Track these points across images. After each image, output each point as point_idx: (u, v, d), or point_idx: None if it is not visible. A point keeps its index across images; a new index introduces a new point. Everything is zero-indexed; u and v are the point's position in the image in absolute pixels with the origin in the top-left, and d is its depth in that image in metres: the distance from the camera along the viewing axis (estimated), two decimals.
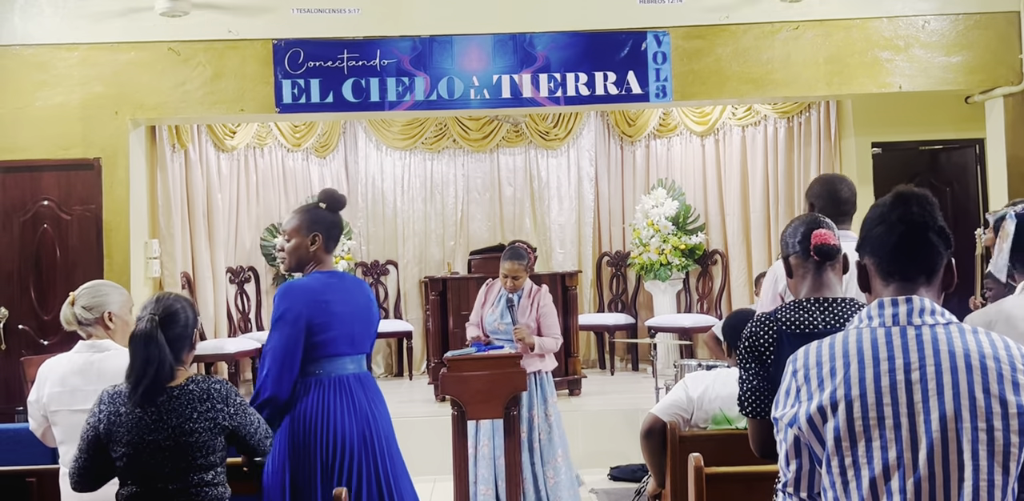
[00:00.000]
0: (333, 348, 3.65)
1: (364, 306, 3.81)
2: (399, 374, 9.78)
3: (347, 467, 3.57)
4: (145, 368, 2.92)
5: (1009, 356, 1.85)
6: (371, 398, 3.72)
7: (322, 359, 3.64)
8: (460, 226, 10.22)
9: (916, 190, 1.98)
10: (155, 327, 2.96)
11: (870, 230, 1.98)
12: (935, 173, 8.16)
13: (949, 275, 1.98)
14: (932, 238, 1.93)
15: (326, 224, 3.78)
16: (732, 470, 3.32)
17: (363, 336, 3.77)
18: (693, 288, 9.67)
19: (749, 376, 2.67)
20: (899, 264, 1.94)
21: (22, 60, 6.84)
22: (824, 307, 2.70)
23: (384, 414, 3.76)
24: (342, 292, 3.73)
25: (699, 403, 3.92)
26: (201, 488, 2.96)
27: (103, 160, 6.85)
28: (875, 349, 1.87)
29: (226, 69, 6.92)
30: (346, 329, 3.68)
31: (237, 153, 9.06)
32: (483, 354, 5.15)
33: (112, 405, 2.97)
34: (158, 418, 2.92)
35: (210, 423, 2.96)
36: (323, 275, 3.73)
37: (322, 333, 3.61)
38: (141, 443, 2.91)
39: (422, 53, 7.00)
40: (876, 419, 1.82)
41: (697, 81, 7.09)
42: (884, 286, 1.96)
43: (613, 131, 10.33)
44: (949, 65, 7.08)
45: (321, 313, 3.61)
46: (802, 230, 2.84)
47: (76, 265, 6.84)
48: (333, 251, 3.84)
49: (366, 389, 3.72)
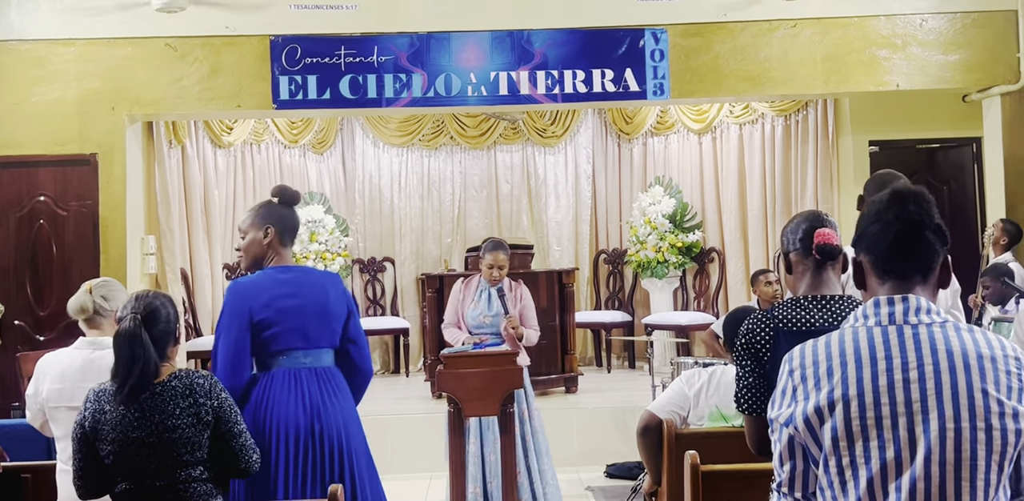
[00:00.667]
0: (284, 343, 3.66)
1: (320, 300, 3.75)
2: (396, 371, 9.77)
3: (292, 458, 3.56)
4: (131, 367, 2.92)
5: (1004, 356, 1.85)
6: (327, 392, 3.69)
7: (276, 354, 3.67)
8: (457, 223, 10.21)
9: (913, 188, 1.97)
10: (138, 326, 2.96)
11: (866, 227, 1.98)
12: (932, 171, 8.17)
13: (945, 273, 1.97)
14: (929, 236, 1.93)
15: (277, 217, 3.78)
16: (728, 468, 3.32)
17: (319, 330, 3.72)
18: (690, 286, 9.68)
19: (745, 373, 2.67)
20: (895, 262, 1.94)
21: (18, 55, 6.83)
22: (822, 305, 2.69)
23: (341, 409, 3.71)
24: (293, 286, 3.72)
25: (696, 401, 3.92)
26: (189, 484, 2.95)
27: (100, 156, 6.84)
28: (872, 348, 1.86)
29: (223, 65, 6.92)
30: (295, 323, 3.68)
31: (234, 149, 9.05)
32: (479, 351, 5.15)
33: (97, 403, 2.96)
34: (141, 415, 2.92)
35: (193, 418, 2.95)
36: (274, 271, 3.74)
37: (268, 329, 3.64)
38: (126, 440, 2.91)
39: (419, 50, 6.99)
40: (874, 419, 1.81)
41: (695, 79, 7.09)
42: (880, 284, 1.96)
43: (610, 128, 10.32)
44: (946, 63, 7.08)
45: (263, 309, 3.63)
46: (804, 227, 2.82)
47: (72, 261, 6.83)
48: (290, 245, 3.83)
49: (322, 383, 3.69)
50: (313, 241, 9.28)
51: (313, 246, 9.27)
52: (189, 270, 8.22)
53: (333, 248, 9.41)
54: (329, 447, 3.63)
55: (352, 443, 3.72)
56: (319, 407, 3.65)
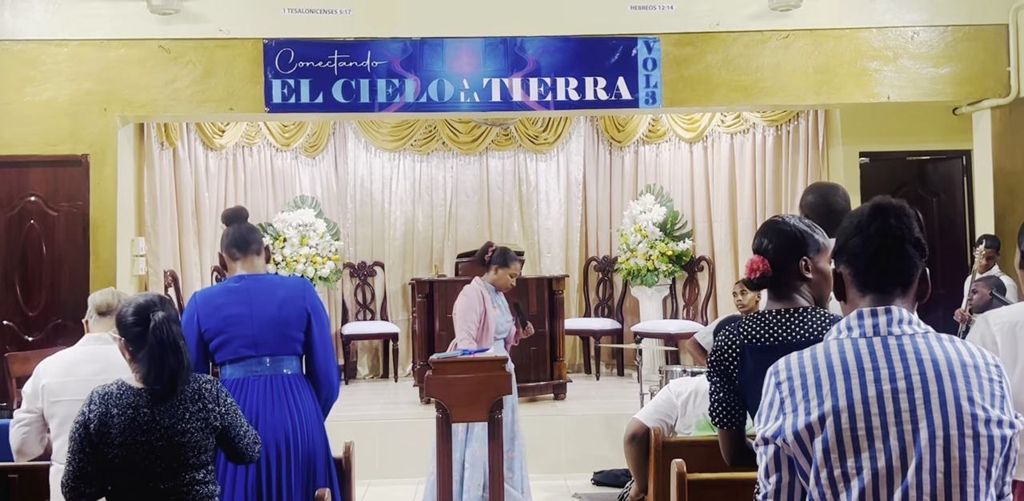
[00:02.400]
0: (233, 351, 3.70)
1: (272, 306, 3.74)
2: (384, 376, 9.77)
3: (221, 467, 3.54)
4: (178, 373, 2.91)
5: (986, 364, 1.89)
6: (276, 400, 3.69)
7: (227, 363, 3.72)
8: (448, 229, 10.22)
9: (894, 201, 2.01)
10: (179, 334, 2.96)
11: (847, 240, 2.01)
12: (922, 183, 8.20)
13: (924, 285, 2.01)
14: (909, 250, 1.97)
15: (224, 240, 3.92)
16: (714, 476, 3.33)
17: (269, 337, 3.72)
18: (679, 294, 9.69)
19: (717, 389, 2.67)
20: (876, 275, 1.97)
21: (11, 55, 6.82)
22: (785, 319, 2.64)
23: (287, 416, 3.69)
24: (243, 294, 3.74)
25: (683, 409, 3.93)
26: (192, 487, 2.95)
27: (91, 157, 6.83)
28: (859, 360, 1.89)
29: (216, 68, 6.92)
30: (242, 331, 3.69)
31: (226, 152, 9.04)
32: (468, 357, 5.16)
33: (103, 406, 2.92)
34: (151, 419, 2.91)
35: (202, 423, 2.95)
36: (229, 281, 3.83)
37: (215, 337, 3.70)
38: (134, 444, 2.89)
39: (413, 55, 7.00)
40: (865, 429, 1.83)
41: (687, 88, 7.11)
42: (860, 296, 1.99)
43: (602, 136, 10.35)
44: (937, 76, 7.12)
45: (208, 319, 3.68)
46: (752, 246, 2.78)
47: (62, 261, 6.82)
48: (242, 256, 3.86)
49: (271, 391, 3.69)
50: (304, 245, 9.27)
51: (304, 250, 9.26)
52: (179, 272, 8.20)
53: (324, 252, 9.41)
54: (265, 453, 3.61)
55: (297, 447, 3.69)
56: (256, 414, 3.64)
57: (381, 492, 6.58)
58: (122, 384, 2.97)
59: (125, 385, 2.97)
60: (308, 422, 3.75)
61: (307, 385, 3.81)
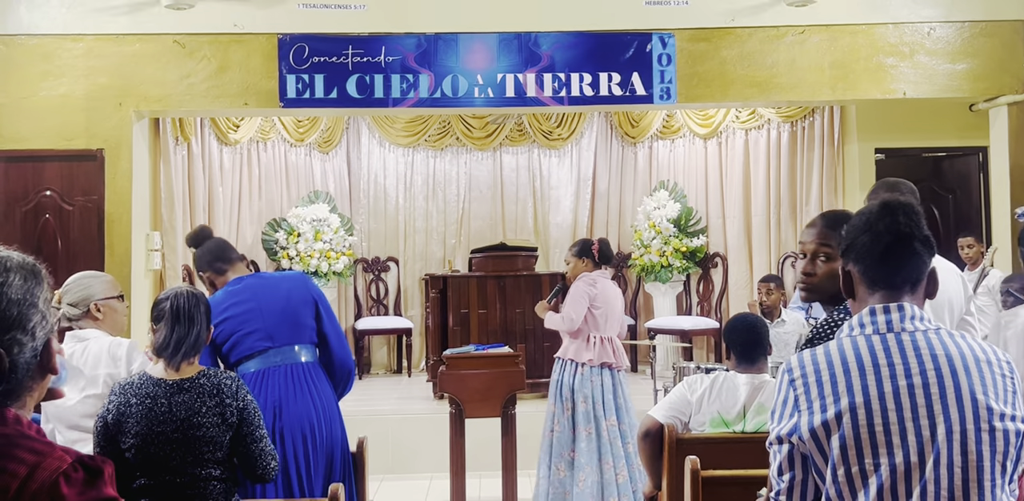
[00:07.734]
0: (250, 347, 3.76)
1: (278, 298, 3.84)
2: (398, 371, 9.78)
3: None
4: (183, 340, 3.00)
5: (998, 360, 1.91)
6: (296, 388, 3.74)
7: (246, 359, 3.77)
8: (462, 224, 10.22)
9: (902, 199, 2.02)
10: (197, 310, 3.05)
11: (856, 238, 2.01)
12: (938, 180, 8.17)
13: (932, 283, 2.02)
14: (918, 248, 1.97)
15: (197, 262, 4.02)
16: (728, 473, 3.33)
17: (283, 328, 3.80)
18: (693, 290, 9.67)
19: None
20: (885, 273, 1.98)
21: (27, 50, 6.84)
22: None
23: (310, 404, 3.75)
24: (247, 292, 3.82)
25: (697, 406, 3.92)
26: (208, 482, 2.95)
27: (106, 151, 6.86)
28: (873, 356, 1.89)
29: (231, 63, 6.93)
30: (256, 325, 3.77)
31: (240, 147, 9.06)
32: (481, 352, 5.16)
33: (123, 396, 2.96)
34: (168, 410, 2.93)
35: (218, 418, 2.96)
36: (227, 286, 3.89)
37: (228, 339, 3.76)
38: (150, 434, 2.90)
39: (427, 50, 7.00)
40: (883, 425, 1.84)
41: (701, 84, 7.09)
42: (870, 294, 1.99)
43: (616, 132, 10.32)
44: (954, 72, 7.08)
45: (218, 323, 3.71)
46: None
47: (77, 256, 6.84)
48: (228, 267, 3.94)
49: (291, 379, 3.75)
50: (318, 240, 9.29)
51: (318, 245, 9.27)
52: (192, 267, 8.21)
53: (337, 247, 9.42)
54: (292, 443, 3.66)
55: (320, 437, 3.74)
56: (279, 404, 3.69)
57: (394, 487, 6.59)
58: (143, 374, 3.01)
59: (146, 375, 3.01)
60: (329, 412, 3.82)
61: (324, 374, 3.87)
